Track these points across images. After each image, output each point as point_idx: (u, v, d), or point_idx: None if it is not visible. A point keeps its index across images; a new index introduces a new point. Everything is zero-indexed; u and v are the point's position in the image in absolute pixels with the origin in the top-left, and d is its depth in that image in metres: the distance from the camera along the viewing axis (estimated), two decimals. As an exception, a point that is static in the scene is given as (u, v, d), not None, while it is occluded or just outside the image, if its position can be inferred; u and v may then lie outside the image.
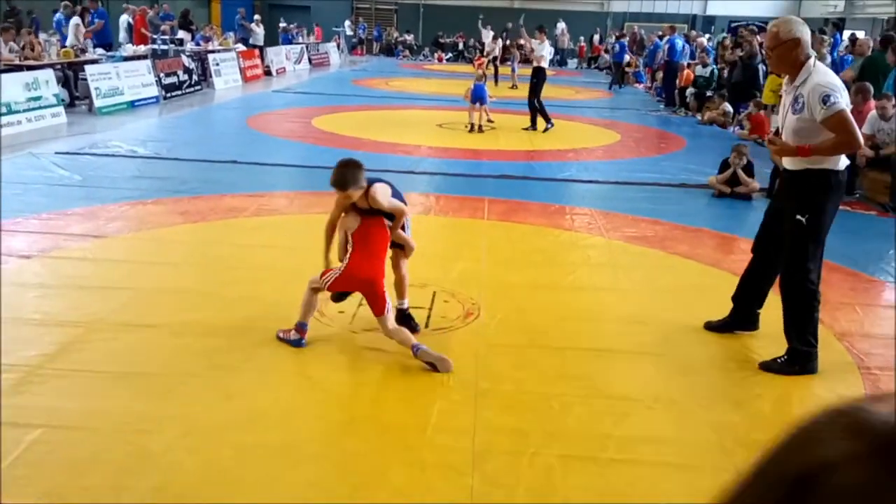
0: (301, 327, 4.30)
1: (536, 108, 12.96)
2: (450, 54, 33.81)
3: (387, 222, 4.33)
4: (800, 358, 4.19)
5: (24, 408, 3.48)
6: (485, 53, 22.41)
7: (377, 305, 4.17)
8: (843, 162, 4.15)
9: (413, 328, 4.49)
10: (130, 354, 4.08)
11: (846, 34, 20.81)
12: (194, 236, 6.29)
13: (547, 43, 13.58)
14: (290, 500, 2.96)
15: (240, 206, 7.24)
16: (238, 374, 3.91)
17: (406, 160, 10.13)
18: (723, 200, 8.46)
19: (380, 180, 4.37)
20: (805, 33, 4.11)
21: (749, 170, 8.62)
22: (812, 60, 4.11)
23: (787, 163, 4.26)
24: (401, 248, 4.52)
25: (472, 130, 12.57)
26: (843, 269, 6.12)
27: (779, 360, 4.22)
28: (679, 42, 17.83)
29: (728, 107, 14.79)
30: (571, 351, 4.44)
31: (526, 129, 13.09)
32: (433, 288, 5.25)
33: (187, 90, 16.25)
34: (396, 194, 4.40)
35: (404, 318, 4.55)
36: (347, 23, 33.66)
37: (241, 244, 6.14)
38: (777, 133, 4.48)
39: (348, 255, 4.24)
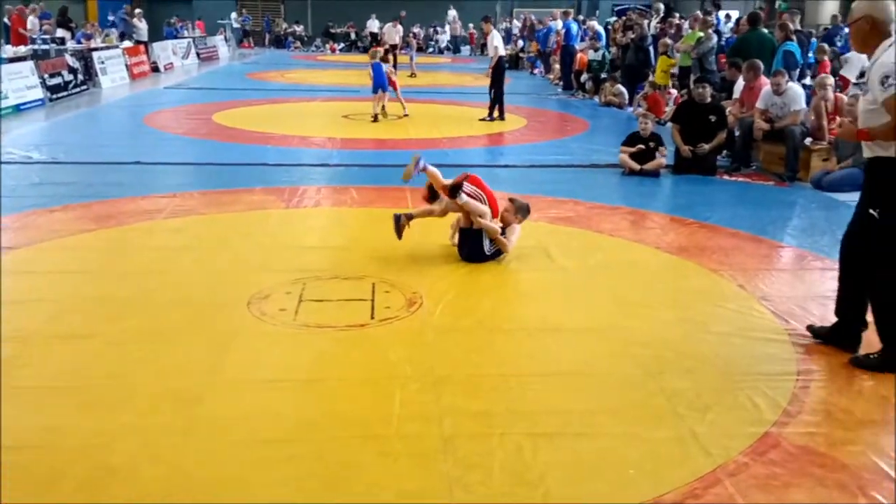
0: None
1: (494, 99, 12.95)
2: (342, 44, 33.44)
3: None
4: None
5: (-32, 430, 3.27)
6: (380, 42, 22.33)
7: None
8: None
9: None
10: (71, 367, 3.90)
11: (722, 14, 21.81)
12: (112, 242, 6.03)
13: (495, 32, 13.56)
14: (266, 502, 2.92)
15: (153, 208, 6.98)
16: (188, 380, 3.80)
17: (318, 153, 10.02)
18: (632, 178, 8.76)
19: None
20: (882, 11, 3.86)
21: (657, 140, 8.98)
22: (890, 41, 3.83)
23: (864, 150, 4.02)
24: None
25: (375, 120, 12.56)
26: (753, 237, 6.47)
27: (871, 357, 4.07)
28: (574, 26, 18.26)
29: (622, 88, 15.26)
30: (519, 332, 4.53)
31: (483, 119, 13.01)
32: (372, 279, 5.23)
33: (73, 91, 15.48)
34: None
35: None
36: (234, 15, 32.76)
37: (162, 247, 5.92)
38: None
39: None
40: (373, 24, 28.01)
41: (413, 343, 4.27)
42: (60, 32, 19.16)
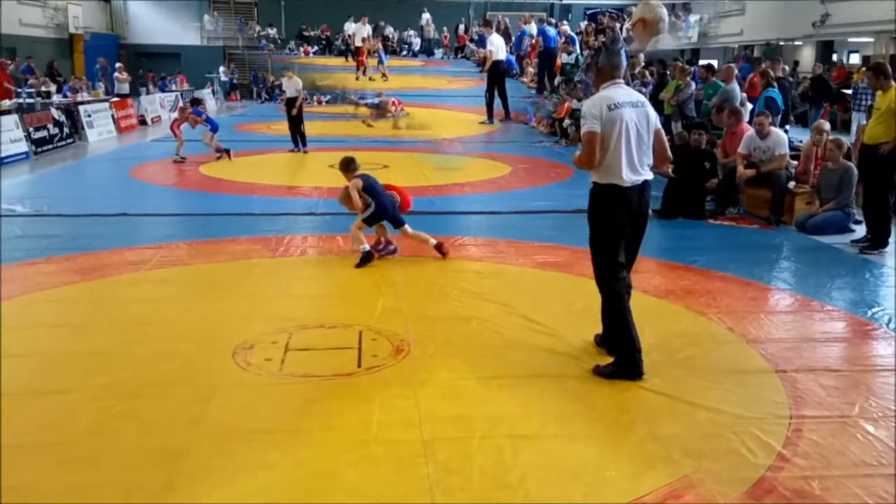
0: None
1: (491, 101, 12.97)
2: (315, 48, 33.58)
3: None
4: (623, 362, 4.42)
5: (-60, 491, 3.17)
6: (367, 47, 22.33)
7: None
8: (611, 175, 4.30)
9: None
10: (49, 423, 3.81)
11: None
12: (95, 294, 5.96)
13: (494, 36, 13.58)
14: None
15: (139, 259, 6.93)
16: (171, 434, 3.72)
17: (304, 202, 10.00)
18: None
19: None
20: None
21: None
22: (606, 85, 4.41)
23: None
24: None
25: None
26: (740, 280, 6.47)
27: (606, 366, 4.47)
28: (552, 30, 18.42)
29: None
30: (507, 379, 4.46)
31: (483, 122, 13.06)
32: (358, 327, 5.18)
33: (59, 144, 15.52)
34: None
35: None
36: (222, 68, 33.06)
37: (147, 299, 5.86)
38: None
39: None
40: (350, 27, 27.62)
41: (399, 395, 4.19)
42: (51, 86, 19.30)
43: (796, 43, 26.99)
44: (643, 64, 18.26)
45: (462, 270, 6.77)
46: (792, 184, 8.95)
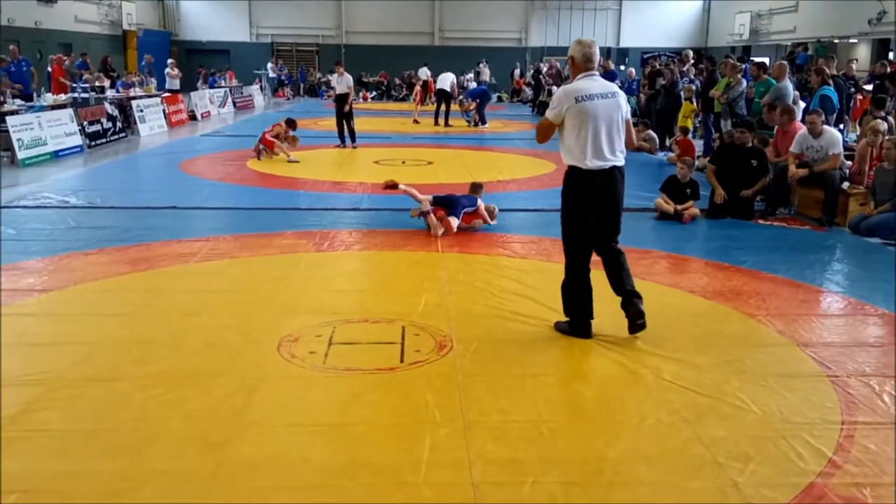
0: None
1: None
2: (374, 93, 33.95)
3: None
4: (576, 325, 5.01)
5: (-7, 474, 3.26)
6: (456, 97, 22.49)
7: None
8: (575, 159, 4.78)
9: None
10: (98, 410, 3.88)
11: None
12: (145, 285, 6.07)
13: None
14: (292, 550, 2.85)
15: (188, 251, 7.04)
16: (215, 423, 3.76)
17: (349, 197, 10.08)
18: (664, 222, 8.65)
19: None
20: (578, 53, 4.84)
21: (694, 188, 8.88)
22: (581, 76, 4.82)
23: None
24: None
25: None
26: (790, 281, 6.33)
27: (562, 323, 5.12)
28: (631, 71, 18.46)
29: (652, 134, 15.22)
30: (549, 377, 4.44)
31: None
32: (401, 322, 5.19)
33: (112, 138, 15.84)
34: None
35: None
36: (270, 65, 33.46)
37: (195, 290, 5.95)
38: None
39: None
40: (423, 73, 28.07)
41: (443, 388, 4.20)
42: (105, 81, 19.72)
43: (851, 41, 26.32)
44: (692, 60, 18.05)
45: (506, 267, 6.75)
46: (846, 184, 8.73)
